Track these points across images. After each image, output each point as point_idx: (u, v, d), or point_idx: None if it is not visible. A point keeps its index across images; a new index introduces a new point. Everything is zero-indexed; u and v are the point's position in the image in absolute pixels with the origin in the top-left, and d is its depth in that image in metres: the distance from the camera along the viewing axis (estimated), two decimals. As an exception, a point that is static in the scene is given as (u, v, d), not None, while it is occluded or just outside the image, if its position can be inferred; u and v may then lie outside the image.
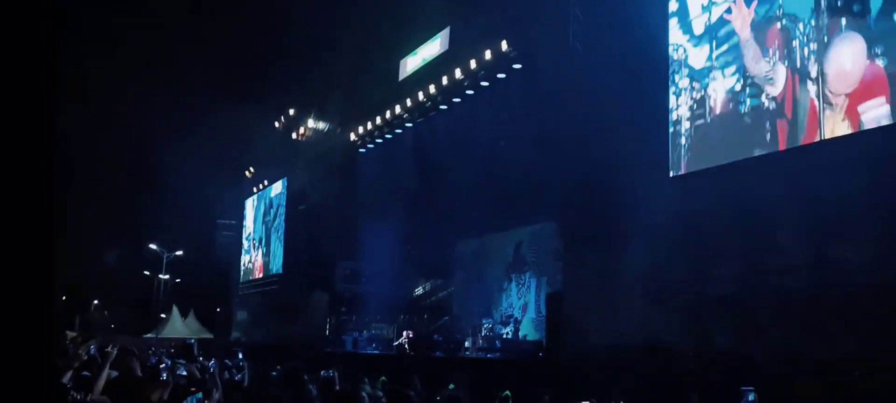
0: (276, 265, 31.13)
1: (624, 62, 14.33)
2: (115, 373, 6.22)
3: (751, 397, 4.14)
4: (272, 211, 32.95)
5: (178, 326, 43.30)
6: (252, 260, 35.35)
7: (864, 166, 10.08)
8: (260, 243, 34.48)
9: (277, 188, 32.33)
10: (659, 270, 13.38)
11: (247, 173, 36.62)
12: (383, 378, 12.74)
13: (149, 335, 42.17)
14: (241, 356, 12.78)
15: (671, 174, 13.52)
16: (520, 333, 20.02)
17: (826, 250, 10.60)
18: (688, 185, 13.23)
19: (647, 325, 13.15)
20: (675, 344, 12.48)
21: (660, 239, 13.41)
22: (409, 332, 21.01)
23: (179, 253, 44.80)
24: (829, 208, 10.59)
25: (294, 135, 30.47)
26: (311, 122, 29.10)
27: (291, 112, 30.99)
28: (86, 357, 8.05)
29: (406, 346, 20.32)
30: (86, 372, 6.90)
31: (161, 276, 47.10)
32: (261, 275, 33.63)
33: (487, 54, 19.02)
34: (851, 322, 9.95)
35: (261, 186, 34.95)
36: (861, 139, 10.22)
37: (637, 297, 13.53)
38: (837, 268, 10.43)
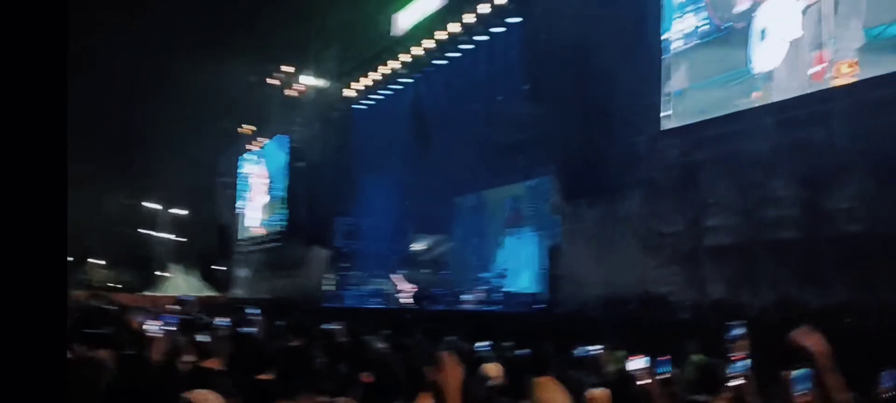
0: (276, 222, 31.29)
1: (620, 13, 14.36)
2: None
3: (736, 332, 4.32)
4: (270, 168, 33.03)
5: (181, 284, 43.76)
6: (251, 218, 35.52)
7: (860, 115, 10.18)
8: (258, 200, 34.61)
9: (274, 145, 32.36)
10: (655, 222, 13.58)
11: (241, 130, 36.59)
12: (387, 332, 13.01)
13: (150, 293, 42.61)
14: (254, 311, 12.67)
15: (666, 126, 13.62)
16: (519, 286, 20.32)
17: (820, 200, 10.76)
18: (684, 136, 13.34)
19: (643, 276, 13.40)
20: (671, 294, 12.75)
21: (656, 192, 13.61)
22: (410, 284, 21.20)
23: (179, 210, 45.01)
24: (825, 158, 10.73)
25: (289, 92, 30.38)
26: (306, 79, 28.99)
27: (286, 68, 30.85)
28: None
29: (409, 298, 20.49)
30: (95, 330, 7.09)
31: (160, 234, 47.43)
32: (261, 233, 33.83)
33: (485, 7, 18.95)
34: (843, 270, 10.17)
35: (257, 143, 34.96)
36: (863, 86, 10.30)
37: (634, 249, 13.75)
38: (831, 218, 10.61)
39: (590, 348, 7.75)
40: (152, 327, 7.93)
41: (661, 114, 13.80)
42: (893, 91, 9.78)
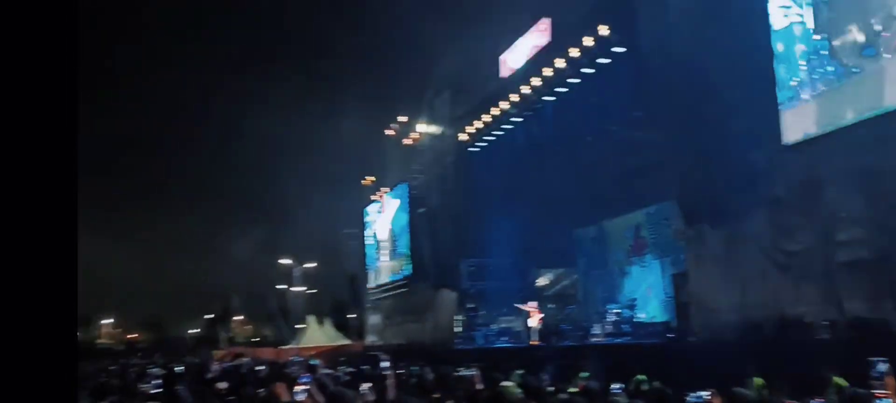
0: (403, 268, 32.15)
1: (728, 30, 14.12)
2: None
3: (881, 367, 4.17)
4: (393, 217, 34.04)
5: (316, 335, 45.48)
6: (379, 266, 36.63)
7: None
8: (385, 248, 35.66)
9: (396, 194, 33.38)
10: (783, 240, 13.13)
11: (365, 182, 37.94)
12: (519, 371, 13.16)
13: (288, 345, 44.52)
14: (381, 363, 12.66)
15: (786, 142, 13.19)
16: (647, 316, 19.98)
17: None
18: (805, 151, 12.89)
19: (776, 298, 12.96)
20: (806, 314, 12.26)
21: (781, 209, 13.18)
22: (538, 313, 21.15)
23: (312, 264, 46.94)
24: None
25: (406, 141, 31.36)
26: (421, 127, 29.87)
27: (402, 118, 31.93)
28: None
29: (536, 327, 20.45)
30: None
31: (295, 288, 49.53)
32: (389, 279, 34.81)
33: (589, 41, 19.07)
34: None
35: (379, 193, 36.14)
36: None
37: (763, 270, 13.33)
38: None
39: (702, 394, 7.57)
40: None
41: (782, 129, 13.40)
42: None
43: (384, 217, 35.84)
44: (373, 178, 37.26)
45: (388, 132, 33.21)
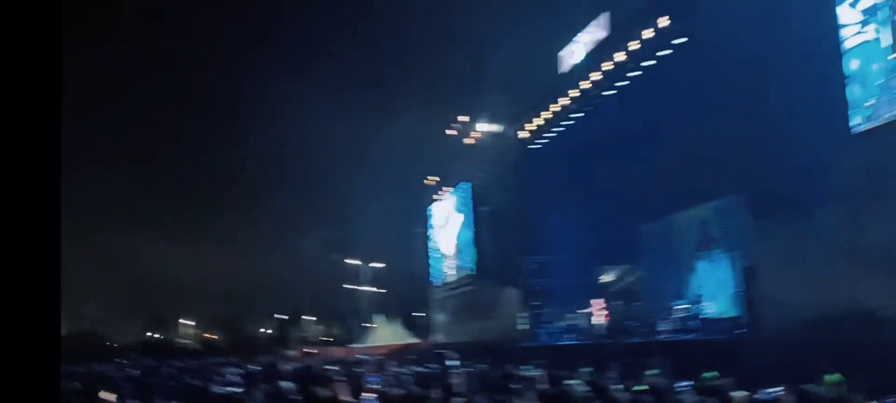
0: (468, 267, 32.30)
1: (792, 17, 13.75)
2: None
3: None
4: (457, 216, 34.21)
5: (385, 333, 46.09)
6: (444, 265, 36.87)
7: None
8: (449, 248, 35.88)
9: (459, 193, 33.54)
10: (856, 233, 12.69)
11: (427, 182, 38.24)
12: (586, 368, 13.12)
13: (357, 345, 45.26)
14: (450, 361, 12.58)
15: (854, 130, 12.75)
16: (716, 311, 19.55)
17: None
18: (874, 139, 12.44)
19: (848, 292, 12.54)
20: (881, 310, 11.83)
21: (852, 199, 12.75)
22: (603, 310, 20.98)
23: (379, 264, 47.58)
24: None
25: (467, 140, 31.48)
26: (482, 126, 29.94)
27: (463, 118, 32.06)
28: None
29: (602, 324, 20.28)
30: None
31: (363, 288, 50.29)
32: (454, 278, 35.02)
33: (648, 33, 18.82)
34: None
35: (442, 193, 36.38)
36: None
37: (835, 263, 12.92)
38: None
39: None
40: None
41: (851, 119, 12.98)
42: None
43: (447, 216, 36.06)
44: (436, 178, 37.53)
45: (449, 132, 33.39)
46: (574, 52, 22.71)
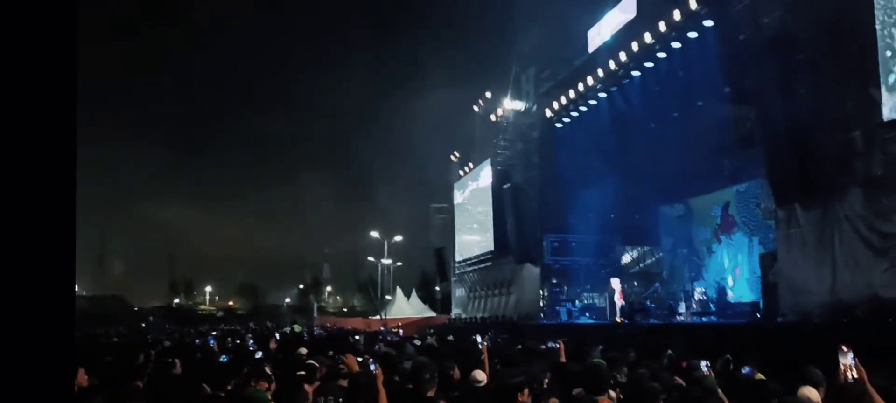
0: (488, 243, 32.43)
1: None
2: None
3: None
4: (480, 192, 34.30)
5: (403, 306, 46.53)
6: (465, 240, 37.05)
7: None
8: (470, 223, 36.04)
9: (482, 169, 33.60)
10: (879, 222, 12.64)
11: (452, 158, 38.32)
12: (600, 346, 13.21)
13: (376, 317, 45.75)
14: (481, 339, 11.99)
15: (885, 118, 12.63)
16: (734, 295, 19.57)
17: None
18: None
19: (870, 280, 12.52)
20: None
21: (876, 187, 12.68)
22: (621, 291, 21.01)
23: (399, 238, 47.88)
24: None
25: (492, 117, 31.46)
26: (507, 103, 29.90)
27: (488, 94, 32.03)
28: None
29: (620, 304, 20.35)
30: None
31: (383, 261, 50.73)
32: (474, 254, 35.18)
33: (676, 15, 18.68)
34: None
35: (466, 169, 36.44)
36: None
37: (857, 252, 12.89)
38: None
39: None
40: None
41: (882, 105, 12.84)
42: None
43: (470, 192, 36.16)
44: (459, 155, 37.58)
45: (474, 108, 33.39)
46: (602, 32, 22.59)
